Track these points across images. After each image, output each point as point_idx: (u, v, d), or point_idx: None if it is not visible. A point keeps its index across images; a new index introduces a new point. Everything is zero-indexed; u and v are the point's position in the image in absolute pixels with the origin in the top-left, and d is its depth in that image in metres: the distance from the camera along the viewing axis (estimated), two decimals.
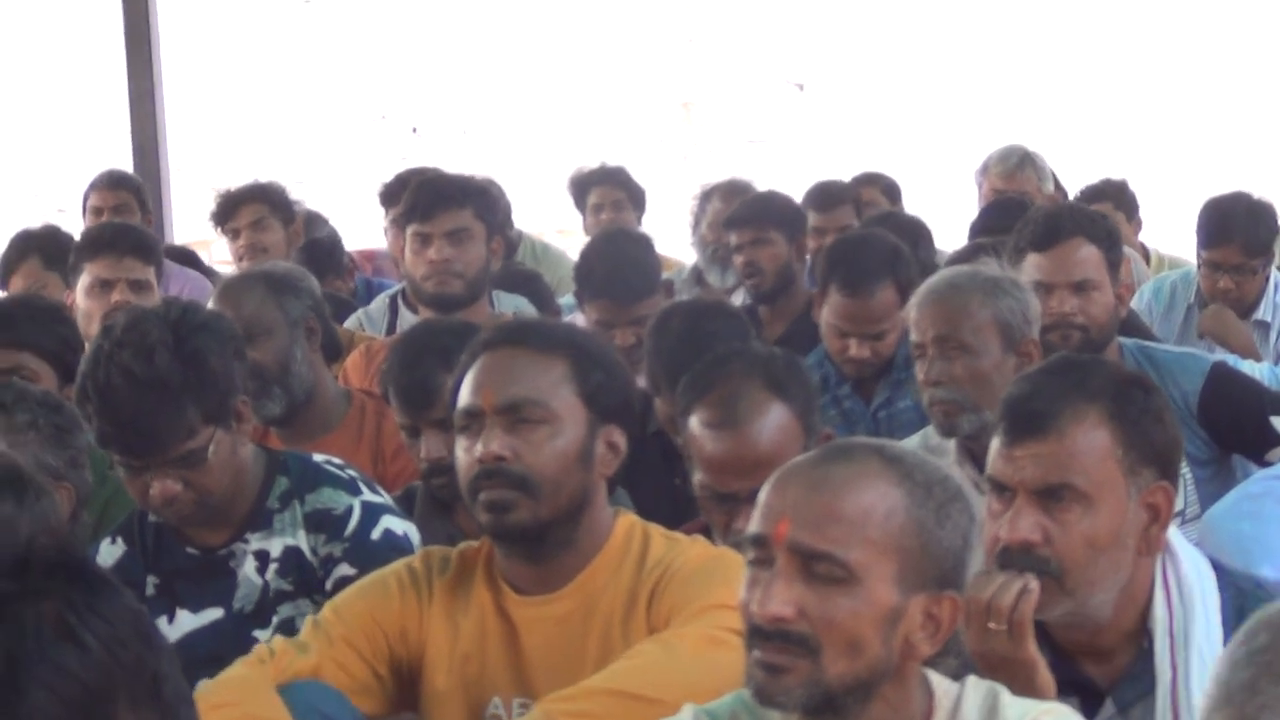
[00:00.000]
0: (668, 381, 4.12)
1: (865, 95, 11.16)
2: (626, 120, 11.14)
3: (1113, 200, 7.12)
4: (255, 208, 6.76)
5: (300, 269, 4.99)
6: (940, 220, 6.62)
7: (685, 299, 5.45)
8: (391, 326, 5.57)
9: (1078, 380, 2.83)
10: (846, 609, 2.34)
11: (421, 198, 5.24)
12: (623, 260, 5.30)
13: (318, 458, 3.69)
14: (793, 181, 7.34)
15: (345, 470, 3.66)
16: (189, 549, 3.59)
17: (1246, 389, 4.45)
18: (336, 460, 3.71)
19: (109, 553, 3.62)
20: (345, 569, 3.49)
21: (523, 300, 5.60)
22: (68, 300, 5.23)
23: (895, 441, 2.99)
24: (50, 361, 4.32)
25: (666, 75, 11.46)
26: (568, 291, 6.33)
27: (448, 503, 3.88)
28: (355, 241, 7.70)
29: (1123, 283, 4.53)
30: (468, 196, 5.23)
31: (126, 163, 8.65)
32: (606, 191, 7.79)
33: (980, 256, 4.75)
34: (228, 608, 3.55)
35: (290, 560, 3.55)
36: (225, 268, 7.15)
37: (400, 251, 5.48)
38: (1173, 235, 7.75)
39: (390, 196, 6.45)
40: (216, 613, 3.55)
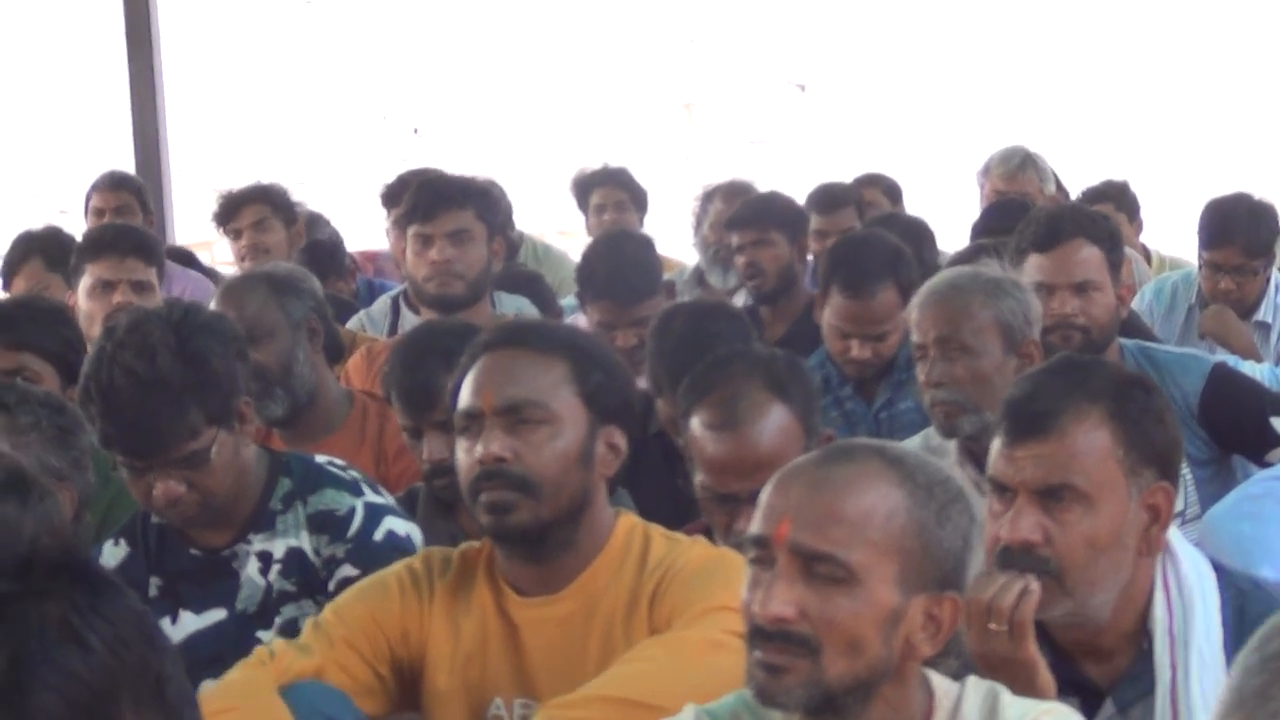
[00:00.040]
0: (669, 382, 4.13)
1: (867, 96, 11.16)
2: (628, 121, 11.14)
3: (1114, 201, 7.13)
4: (257, 208, 6.76)
5: (302, 270, 4.99)
6: (942, 221, 6.62)
7: (687, 300, 5.45)
8: (393, 327, 5.57)
9: (1079, 381, 2.84)
10: (847, 609, 2.34)
11: (423, 199, 5.24)
12: (625, 261, 5.30)
13: (320, 459, 3.70)
14: (794, 182, 7.33)
15: (348, 471, 3.66)
16: (192, 550, 3.59)
17: (1247, 390, 4.45)
18: (339, 461, 3.71)
19: (112, 554, 3.63)
20: (348, 570, 3.50)
21: (524, 301, 5.60)
22: (69, 301, 5.23)
23: (896, 443, 2.99)
24: (53, 362, 4.32)
25: (668, 76, 11.46)
26: (569, 292, 6.34)
27: (450, 504, 3.88)
28: (357, 242, 7.70)
29: (1124, 283, 4.54)
30: (469, 197, 5.23)
31: (128, 164, 8.65)
32: (609, 192, 7.80)
33: (982, 257, 4.75)
34: (231, 609, 3.55)
35: (293, 561, 3.55)
36: (227, 268, 7.15)
37: (402, 252, 5.48)
38: (1173, 236, 7.76)
39: (392, 197, 6.45)
40: (219, 614, 3.55)
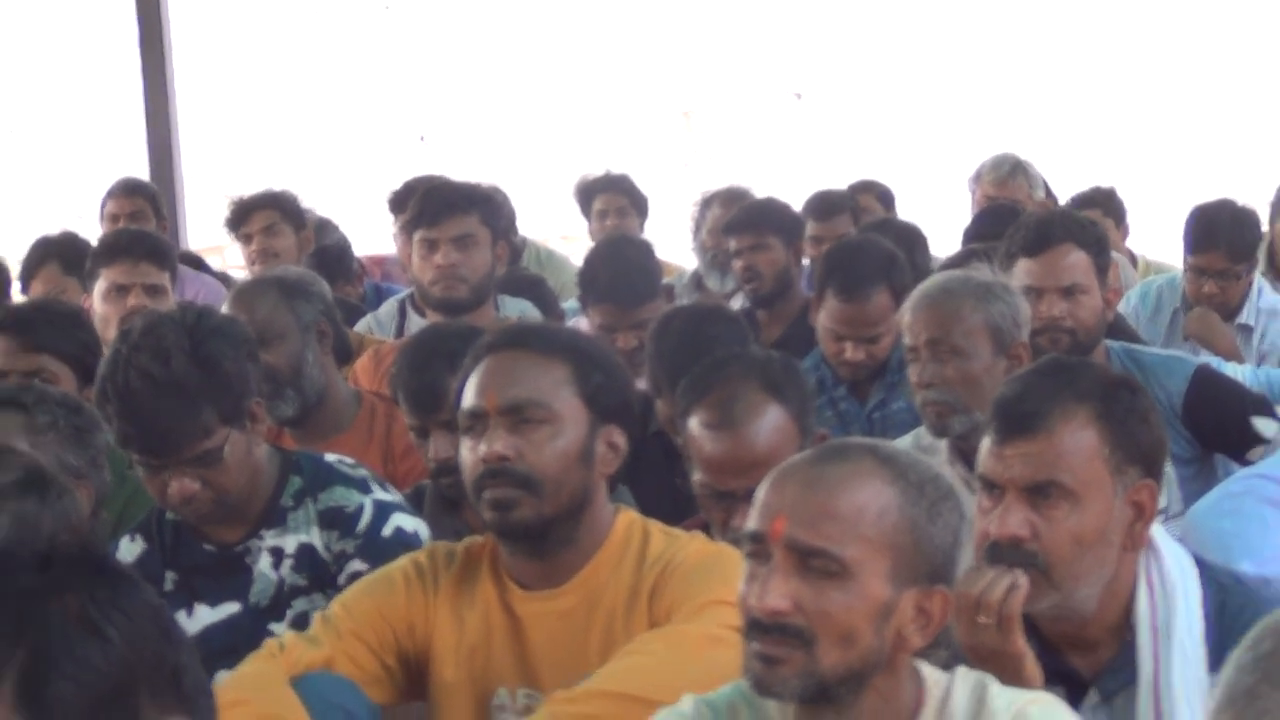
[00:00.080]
0: (668, 383, 4.13)
1: (861, 105, 11.17)
2: (629, 129, 11.14)
3: (1101, 207, 7.13)
4: (267, 214, 6.76)
5: (311, 274, 4.99)
6: (934, 226, 6.63)
7: (685, 303, 5.45)
8: (400, 330, 5.57)
9: (1066, 381, 2.84)
10: (841, 603, 2.35)
11: (428, 204, 5.24)
12: (625, 266, 5.31)
13: (330, 457, 3.70)
14: (790, 188, 7.34)
15: (357, 469, 3.66)
16: (206, 545, 3.59)
17: (1229, 391, 4.45)
18: (348, 460, 3.71)
19: (129, 549, 3.63)
20: (357, 564, 3.50)
21: (527, 304, 5.60)
22: (85, 304, 5.23)
23: (889, 442, 3.00)
24: (70, 364, 4.32)
25: (667, 85, 11.46)
26: (571, 296, 6.34)
27: (456, 500, 3.88)
28: (364, 247, 7.70)
29: (1110, 287, 4.54)
30: (473, 203, 5.23)
31: (143, 170, 8.65)
32: (611, 199, 7.82)
33: (972, 262, 4.75)
34: (244, 602, 3.56)
35: (304, 556, 3.56)
36: (239, 273, 7.16)
37: (408, 257, 5.48)
38: (1159, 241, 7.76)
39: (399, 203, 6.45)
40: (233, 607, 3.56)
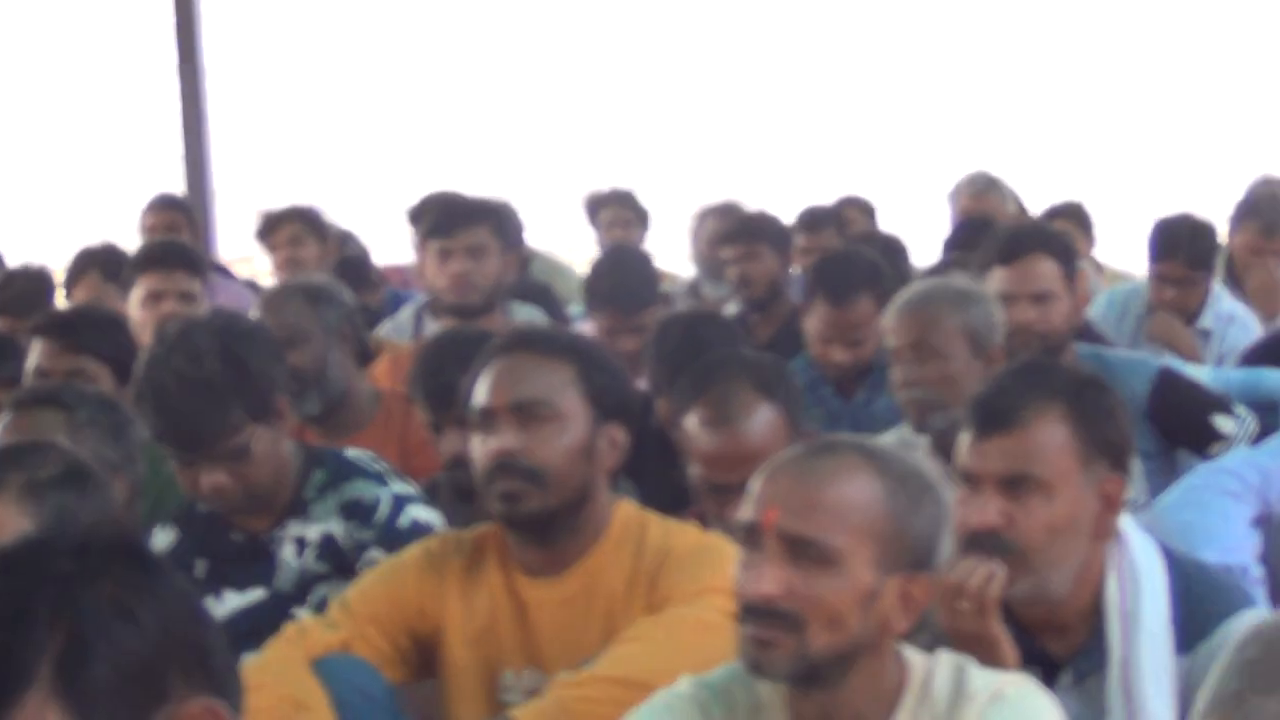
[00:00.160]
0: (667, 383, 4.12)
1: (846, 125, 11.19)
2: (630, 147, 11.15)
3: (1071, 219, 7.15)
4: (293, 227, 6.77)
5: (335, 281, 4.98)
6: (915, 237, 6.64)
7: (683, 309, 5.44)
8: (416, 334, 5.56)
9: (1039, 381, 2.83)
10: (829, 588, 2.34)
11: (443, 217, 5.24)
12: (627, 275, 5.32)
13: (351, 452, 3.69)
14: (779, 202, 7.35)
15: (376, 463, 3.65)
16: (234, 535, 3.58)
17: (1191, 390, 4.44)
18: (368, 454, 3.70)
19: (162, 538, 3.62)
20: (375, 553, 3.49)
21: (535, 310, 5.59)
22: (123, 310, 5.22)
23: (874, 437, 2.99)
24: (108, 365, 4.31)
25: (664, 106, 11.48)
26: (575, 302, 6.34)
27: (468, 492, 3.87)
28: (386, 257, 7.71)
29: (1079, 293, 4.53)
30: (484, 216, 5.23)
31: (178, 185, 8.65)
32: (617, 212, 7.85)
33: (951, 270, 4.74)
34: (270, 588, 3.54)
35: (326, 545, 3.54)
36: (268, 280, 7.15)
37: (425, 265, 5.47)
38: (1123, 251, 7.77)
39: (416, 216, 6.44)
40: (260, 593, 3.54)
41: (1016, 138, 10.63)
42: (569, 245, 8.63)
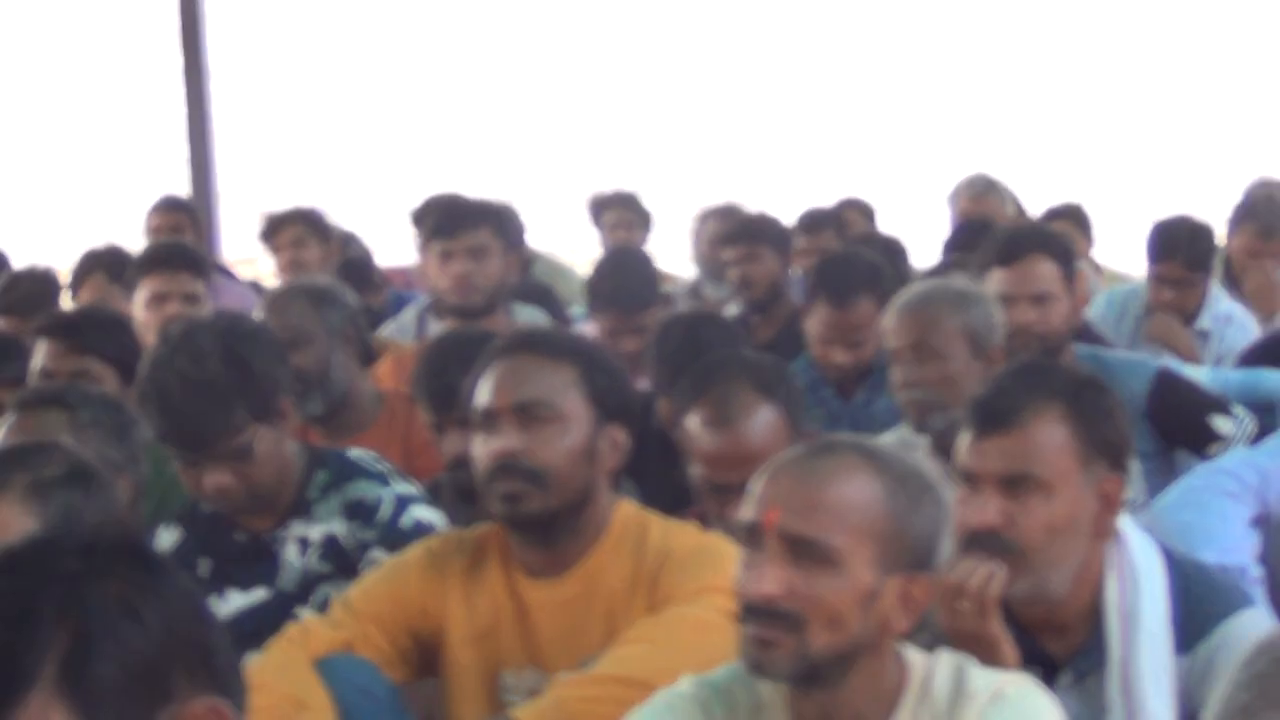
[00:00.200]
0: (668, 383, 4.12)
1: (845, 126, 11.19)
2: (631, 148, 11.15)
3: (1070, 220, 7.16)
4: (296, 229, 6.77)
5: (338, 283, 4.98)
6: (914, 239, 6.64)
7: (684, 310, 5.44)
8: (419, 335, 5.56)
9: (1039, 381, 2.83)
10: (830, 588, 2.34)
11: (445, 218, 5.24)
12: (628, 276, 5.32)
13: (354, 453, 3.69)
14: (780, 203, 7.35)
15: (378, 464, 3.65)
16: (238, 534, 3.58)
17: (1188, 391, 4.43)
18: (371, 455, 3.70)
19: (166, 538, 3.62)
20: (377, 553, 3.48)
21: (537, 311, 5.59)
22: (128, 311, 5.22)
23: (874, 438, 2.99)
24: (113, 366, 4.31)
25: (665, 108, 11.48)
26: (577, 303, 6.34)
27: (471, 492, 3.87)
28: (389, 258, 7.71)
29: (1078, 294, 4.53)
30: (486, 217, 5.23)
31: (183, 187, 8.66)
32: (621, 214, 7.85)
33: (950, 271, 4.74)
34: (273, 588, 3.54)
35: (329, 545, 3.54)
36: (271, 282, 7.15)
37: (428, 266, 5.47)
38: (1122, 253, 7.77)
39: (419, 218, 6.44)
40: (263, 592, 3.54)
41: (1016, 139, 10.64)
42: (571, 247, 8.64)
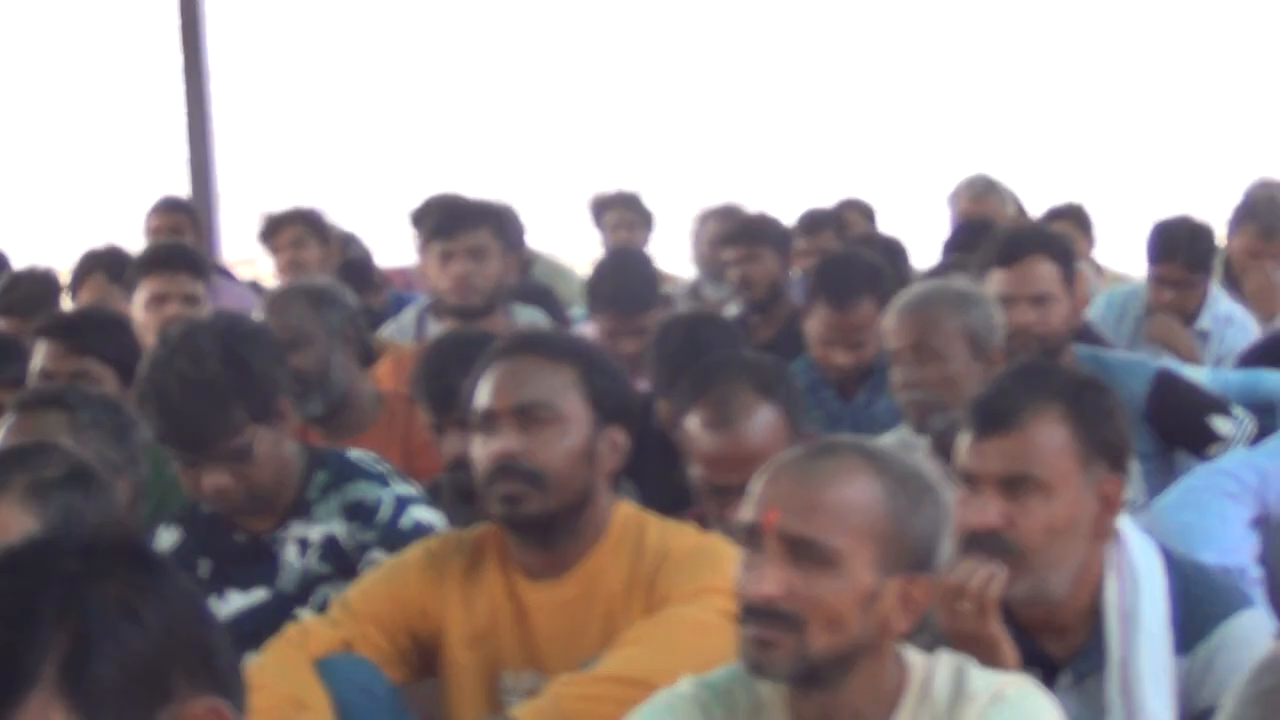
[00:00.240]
0: (668, 384, 4.12)
1: (845, 127, 11.19)
2: (630, 149, 11.16)
3: (1071, 220, 7.16)
4: (295, 229, 6.77)
5: (338, 283, 4.98)
6: (914, 239, 6.65)
7: (684, 311, 5.44)
8: (419, 335, 5.56)
9: (1039, 382, 2.83)
10: (830, 589, 2.34)
11: (444, 219, 5.24)
12: (628, 277, 5.32)
13: (353, 453, 3.69)
14: (780, 204, 7.35)
15: (378, 465, 3.65)
16: (237, 535, 3.58)
17: (1189, 392, 4.43)
18: (370, 455, 3.70)
19: (166, 538, 3.62)
20: (377, 554, 3.48)
21: (537, 312, 5.59)
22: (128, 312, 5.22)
23: (874, 439, 2.99)
24: (112, 367, 4.31)
25: (665, 109, 11.49)
26: (577, 304, 6.34)
27: (470, 494, 3.87)
28: (388, 258, 7.71)
29: (1078, 295, 4.53)
30: (485, 218, 5.23)
31: (182, 188, 8.66)
32: (622, 215, 7.85)
33: (951, 272, 4.74)
34: (273, 589, 3.54)
35: (328, 546, 3.54)
36: (271, 282, 7.15)
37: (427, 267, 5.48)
38: (1123, 253, 7.77)
39: (419, 218, 6.44)
40: (263, 593, 3.54)
41: (1016, 140, 10.64)
42: (571, 247, 8.64)
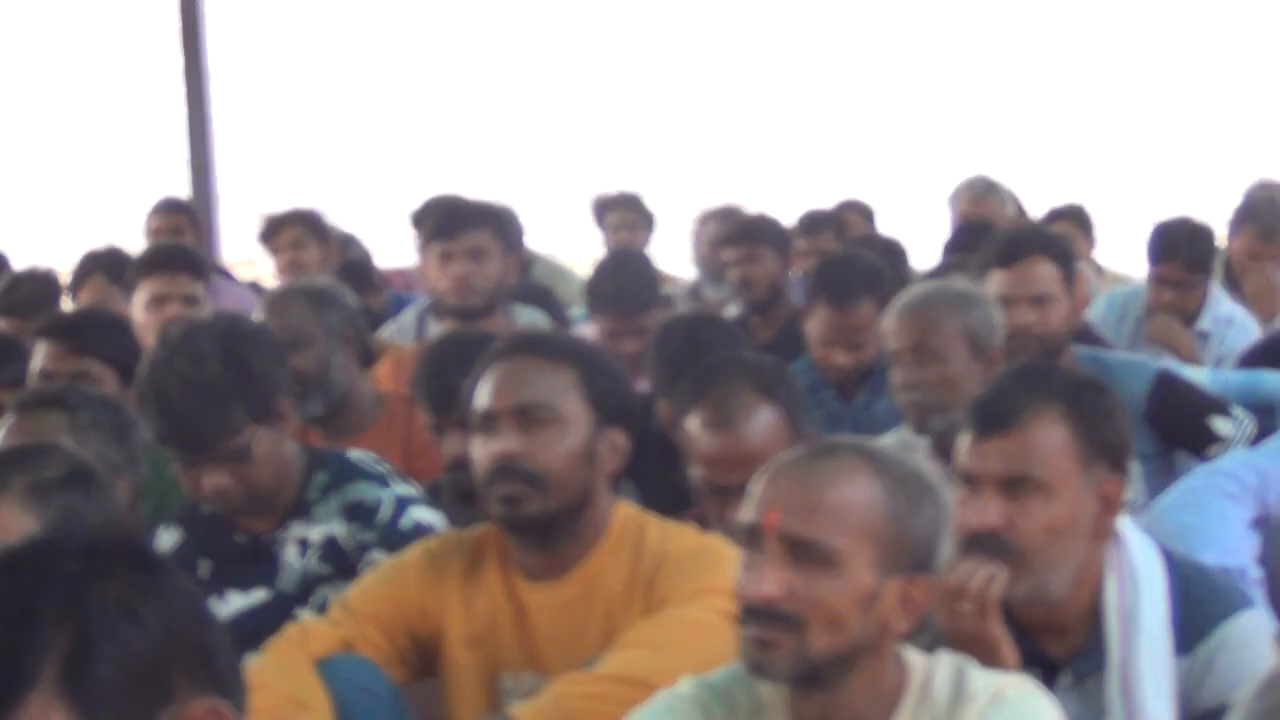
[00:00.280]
0: (668, 385, 4.12)
1: (845, 128, 11.20)
2: (630, 150, 11.16)
3: (1072, 221, 7.16)
4: (295, 230, 6.77)
5: (338, 284, 4.99)
6: (914, 240, 6.65)
7: (684, 311, 5.44)
8: (419, 336, 5.56)
9: (1039, 382, 2.83)
10: (830, 590, 2.34)
11: (444, 220, 5.24)
12: (628, 277, 5.32)
13: (353, 454, 3.69)
14: (780, 205, 7.35)
15: (378, 465, 3.65)
16: (237, 536, 3.58)
17: (1189, 392, 4.43)
18: (370, 456, 3.70)
19: (166, 539, 3.62)
20: (377, 554, 3.48)
21: (537, 313, 5.59)
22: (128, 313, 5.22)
23: (874, 439, 2.99)
24: (113, 367, 4.31)
25: (665, 110, 11.50)
26: (577, 305, 6.34)
27: (470, 494, 3.87)
28: (388, 259, 7.72)
29: (1078, 296, 4.52)
30: (486, 218, 5.23)
31: (183, 189, 8.66)
32: (624, 215, 7.86)
33: (950, 273, 4.74)
34: (273, 589, 3.54)
35: (328, 547, 3.54)
36: (271, 283, 7.15)
37: (427, 268, 5.48)
38: (1123, 254, 7.78)
39: (419, 219, 6.44)
40: (263, 593, 3.54)
41: (1016, 141, 10.64)
42: (571, 248, 8.64)
